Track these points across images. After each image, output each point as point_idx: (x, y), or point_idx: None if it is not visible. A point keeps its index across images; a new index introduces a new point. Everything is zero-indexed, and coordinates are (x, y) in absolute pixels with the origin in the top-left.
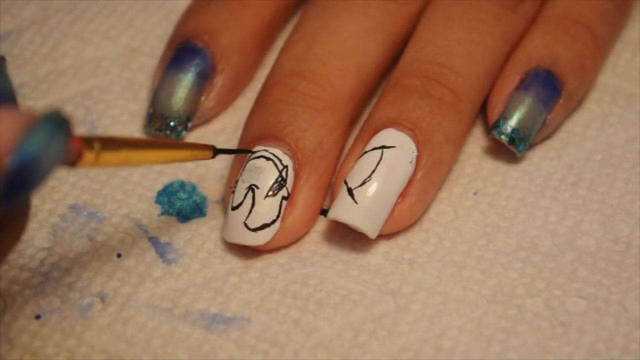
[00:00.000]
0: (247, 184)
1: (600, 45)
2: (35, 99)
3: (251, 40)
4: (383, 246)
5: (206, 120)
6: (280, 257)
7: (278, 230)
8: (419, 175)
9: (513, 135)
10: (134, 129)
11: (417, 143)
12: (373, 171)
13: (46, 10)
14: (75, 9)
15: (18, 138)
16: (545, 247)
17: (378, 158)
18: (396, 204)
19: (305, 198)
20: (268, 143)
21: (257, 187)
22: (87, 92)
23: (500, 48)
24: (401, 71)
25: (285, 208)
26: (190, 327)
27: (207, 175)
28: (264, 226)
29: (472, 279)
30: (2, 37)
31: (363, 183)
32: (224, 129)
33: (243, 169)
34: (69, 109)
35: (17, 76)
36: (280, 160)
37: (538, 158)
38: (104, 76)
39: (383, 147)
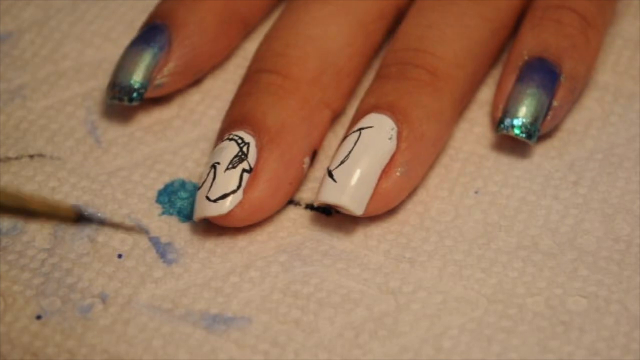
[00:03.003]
0: (211, 164)
1: (590, 21)
2: (35, 100)
3: (210, 15)
4: (384, 244)
5: (209, 120)
6: (281, 256)
7: (242, 201)
8: (400, 149)
9: (520, 126)
10: (134, 129)
11: (397, 121)
12: (350, 150)
13: (47, 12)
14: (76, 10)
15: None
16: (546, 246)
17: (355, 138)
18: (380, 180)
19: (268, 170)
20: (233, 129)
21: (219, 163)
22: (88, 94)
23: (480, 26)
24: (380, 65)
25: (249, 181)
26: (191, 327)
27: None
28: (224, 196)
29: (473, 278)
30: (3, 38)
31: (341, 163)
32: None
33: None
34: (69, 110)
35: (17, 77)
36: (242, 139)
37: (539, 157)
38: (104, 78)
39: (361, 129)
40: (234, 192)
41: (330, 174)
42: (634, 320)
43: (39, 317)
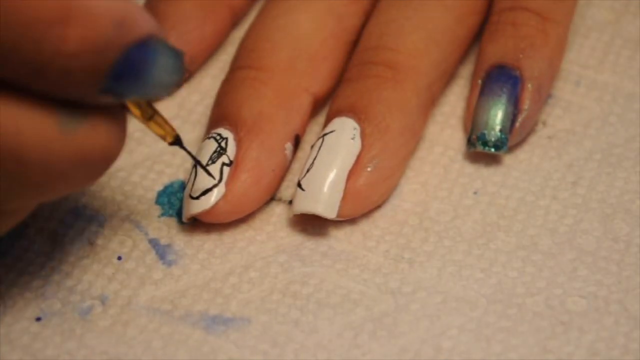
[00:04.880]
0: (193, 164)
1: (546, 16)
2: None
3: (190, 4)
4: (383, 245)
5: (208, 120)
6: (280, 256)
7: (225, 194)
8: (366, 146)
9: (487, 141)
10: (133, 129)
11: (358, 120)
12: (315, 158)
13: None
14: None
15: (152, 33)
16: (545, 246)
17: (319, 145)
18: (350, 180)
19: (249, 160)
20: (212, 128)
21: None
22: None
23: (442, 14)
24: (345, 69)
25: (230, 173)
26: (190, 328)
27: None
28: (206, 191)
29: (472, 278)
30: None
31: (307, 171)
32: None
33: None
34: None
35: None
36: (220, 135)
37: (538, 157)
38: None
39: (324, 135)
40: (215, 186)
41: (299, 184)
42: (634, 321)
43: (38, 319)
